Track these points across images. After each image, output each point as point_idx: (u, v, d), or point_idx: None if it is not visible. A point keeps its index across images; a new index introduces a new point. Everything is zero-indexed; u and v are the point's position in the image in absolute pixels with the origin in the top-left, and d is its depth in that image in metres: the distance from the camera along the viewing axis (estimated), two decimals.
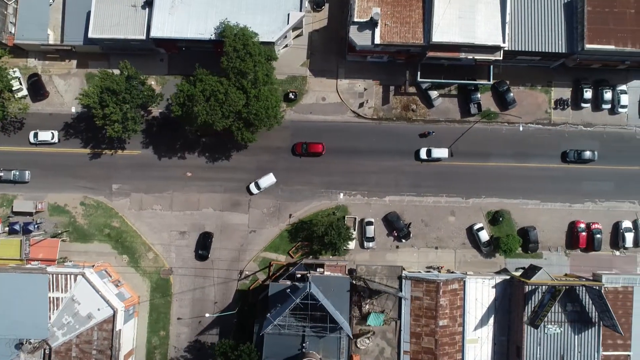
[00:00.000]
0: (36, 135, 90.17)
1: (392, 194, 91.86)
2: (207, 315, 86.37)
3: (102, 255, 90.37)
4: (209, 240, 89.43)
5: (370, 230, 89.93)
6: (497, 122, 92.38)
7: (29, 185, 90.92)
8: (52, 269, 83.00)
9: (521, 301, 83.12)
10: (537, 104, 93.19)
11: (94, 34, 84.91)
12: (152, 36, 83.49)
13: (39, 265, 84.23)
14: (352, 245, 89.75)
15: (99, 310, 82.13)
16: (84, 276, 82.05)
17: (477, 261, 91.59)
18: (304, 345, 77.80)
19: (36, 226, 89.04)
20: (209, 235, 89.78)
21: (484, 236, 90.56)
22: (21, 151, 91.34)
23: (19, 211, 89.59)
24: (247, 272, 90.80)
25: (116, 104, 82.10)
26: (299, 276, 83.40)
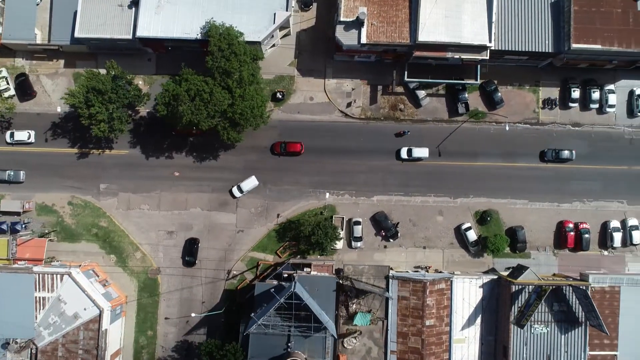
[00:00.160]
0: (12, 135, 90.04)
1: (380, 193, 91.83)
2: (194, 315, 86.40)
3: (89, 255, 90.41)
4: (195, 246, 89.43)
5: (357, 229, 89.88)
6: (485, 121, 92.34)
7: (16, 184, 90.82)
8: (38, 268, 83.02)
9: (508, 301, 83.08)
10: (525, 104, 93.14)
11: (80, 34, 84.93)
12: (138, 36, 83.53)
13: (25, 265, 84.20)
14: (339, 245, 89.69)
15: (85, 309, 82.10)
16: (70, 276, 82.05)
17: (465, 261, 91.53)
18: (289, 344, 77.80)
19: (24, 226, 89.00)
20: (195, 241, 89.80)
21: (472, 236, 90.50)
22: (9, 151, 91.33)
23: (6, 211, 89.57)
24: (234, 272, 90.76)
25: (102, 103, 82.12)
26: (285, 276, 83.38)
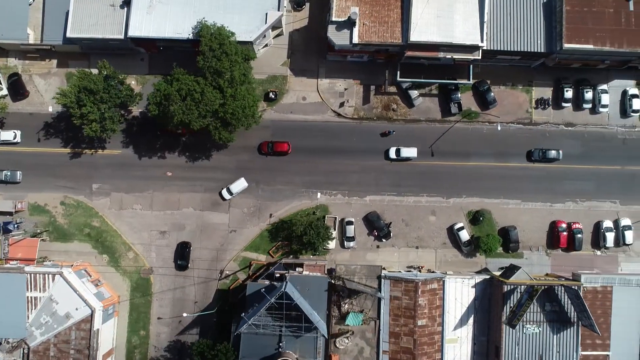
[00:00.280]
0: None
1: (373, 193, 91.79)
2: (185, 315, 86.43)
3: (82, 254, 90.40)
4: (187, 249, 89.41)
5: (350, 229, 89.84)
6: (477, 121, 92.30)
7: (9, 184, 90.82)
8: (30, 268, 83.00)
9: (500, 301, 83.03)
10: (518, 104, 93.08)
11: (72, 34, 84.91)
12: (130, 36, 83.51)
13: (17, 264, 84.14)
14: (332, 244, 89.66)
15: (76, 309, 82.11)
16: (62, 276, 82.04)
17: (457, 261, 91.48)
18: (281, 344, 77.79)
19: (16, 226, 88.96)
20: (186, 244, 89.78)
21: (465, 236, 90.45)
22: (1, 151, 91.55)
23: None
24: (227, 272, 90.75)
25: (94, 103, 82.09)
26: (277, 276, 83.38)
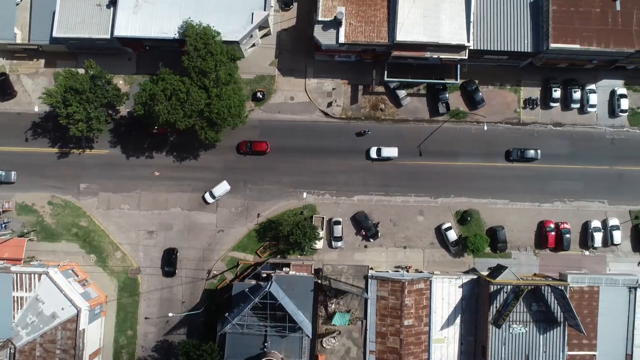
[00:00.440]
0: None
1: (361, 193, 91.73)
2: (171, 314, 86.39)
3: (69, 254, 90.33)
4: (174, 256, 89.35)
5: (337, 229, 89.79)
6: (466, 121, 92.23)
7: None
8: (16, 268, 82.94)
9: (487, 301, 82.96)
10: (507, 104, 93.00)
11: (58, 33, 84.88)
12: (116, 35, 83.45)
13: (3, 264, 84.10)
14: (319, 244, 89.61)
15: (62, 309, 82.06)
16: (48, 275, 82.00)
17: (445, 261, 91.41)
18: (266, 344, 77.71)
19: (3, 225, 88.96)
20: (173, 250, 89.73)
21: (452, 236, 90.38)
22: None
23: None
24: (215, 272, 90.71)
25: (80, 103, 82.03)
26: (264, 275, 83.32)
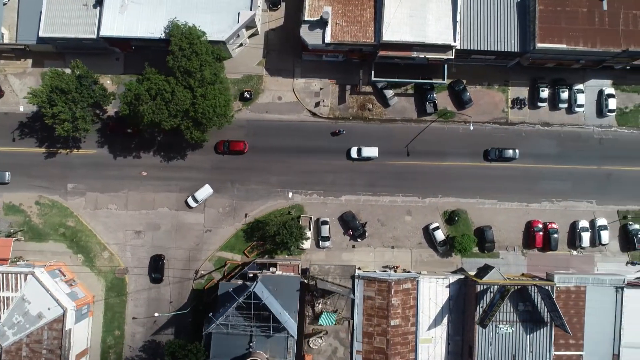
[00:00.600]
0: None
1: (349, 193, 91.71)
2: (157, 314, 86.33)
3: (57, 254, 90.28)
4: (161, 262, 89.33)
5: (325, 229, 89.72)
6: (453, 121, 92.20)
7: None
8: (2, 268, 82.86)
9: (473, 301, 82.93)
10: (494, 103, 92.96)
11: (45, 33, 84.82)
12: (102, 35, 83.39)
13: None
14: (307, 244, 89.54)
15: (49, 309, 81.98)
16: (34, 275, 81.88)
17: (433, 261, 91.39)
18: (251, 344, 77.65)
19: None
20: (160, 257, 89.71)
21: (440, 236, 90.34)
22: None
23: None
24: (202, 272, 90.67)
25: (65, 103, 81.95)
26: (251, 275, 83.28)
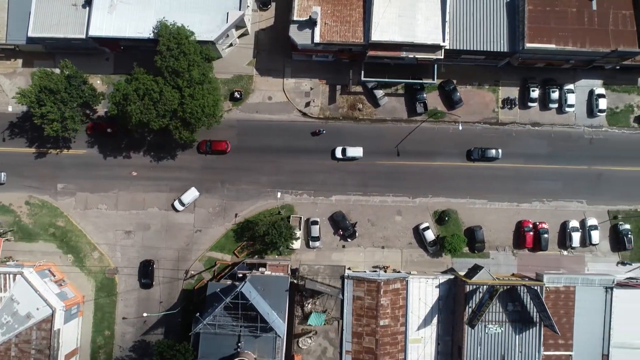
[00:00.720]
0: None
1: (339, 193, 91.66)
2: (146, 314, 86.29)
3: (47, 254, 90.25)
4: (150, 268, 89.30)
5: (315, 229, 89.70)
6: (444, 121, 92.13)
7: None
8: None
9: (462, 301, 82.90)
10: (485, 103, 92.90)
11: (34, 33, 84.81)
12: (91, 35, 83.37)
13: None
14: (297, 244, 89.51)
15: (37, 309, 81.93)
16: (23, 275, 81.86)
17: (423, 261, 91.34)
18: (239, 344, 77.62)
19: None
20: (149, 262, 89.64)
21: (430, 236, 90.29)
22: None
23: None
24: (192, 272, 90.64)
25: (54, 103, 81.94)
26: (240, 276, 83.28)
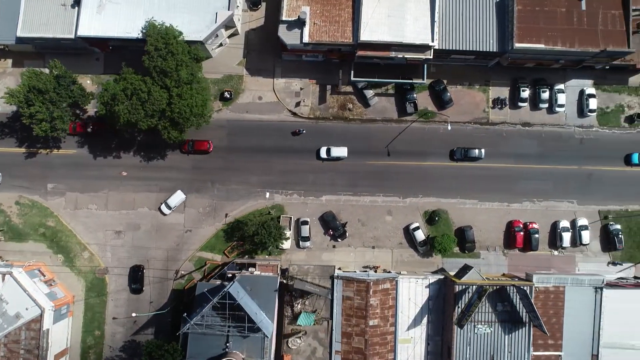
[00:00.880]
0: None
1: (329, 193, 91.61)
2: (134, 314, 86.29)
3: (37, 254, 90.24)
4: (140, 273, 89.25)
5: (305, 229, 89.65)
6: (434, 121, 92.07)
7: None
8: None
9: (452, 301, 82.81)
10: (475, 103, 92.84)
11: (22, 33, 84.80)
12: (79, 35, 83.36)
13: None
14: (287, 244, 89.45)
15: (26, 309, 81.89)
16: (12, 275, 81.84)
17: (414, 261, 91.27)
18: (227, 344, 77.60)
19: None
20: (139, 268, 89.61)
21: (420, 236, 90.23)
22: None
23: None
24: (182, 272, 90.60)
25: (42, 103, 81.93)
26: (229, 276, 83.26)
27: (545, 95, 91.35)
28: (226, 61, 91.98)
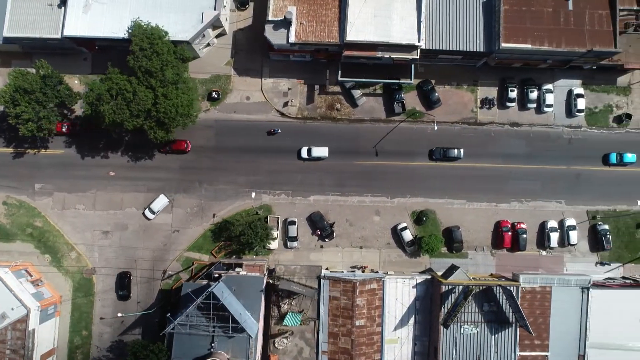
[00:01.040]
0: None
1: (317, 193, 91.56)
2: (120, 314, 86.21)
3: (24, 254, 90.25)
4: (127, 279, 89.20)
5: (292, 229, 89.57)
6: (422, 121, 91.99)
7: None
8: None
9: (438, 301, 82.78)
10: (463, 103, 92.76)
11: (9, 33, 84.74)
12: (65, 35, 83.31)
13: None
14: (274, 245, 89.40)
15: (12, 309, 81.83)
16: None
17: (402, 261, 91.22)
18: (213, 345, 77.52)
19: None
20: (126, 274, 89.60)
21: (408, 236, 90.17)
22: None
23: None
24: (170, 272, 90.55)
25: (29, 103, 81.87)
26: (216, 276, 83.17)
27: (533, 95, 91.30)
28: (214, 61, 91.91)
